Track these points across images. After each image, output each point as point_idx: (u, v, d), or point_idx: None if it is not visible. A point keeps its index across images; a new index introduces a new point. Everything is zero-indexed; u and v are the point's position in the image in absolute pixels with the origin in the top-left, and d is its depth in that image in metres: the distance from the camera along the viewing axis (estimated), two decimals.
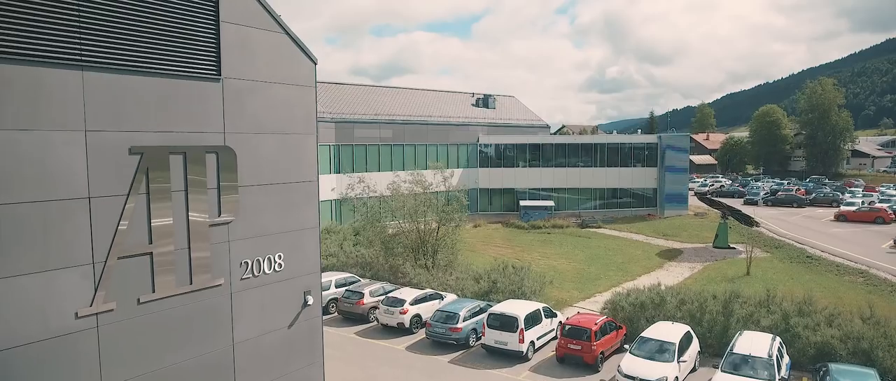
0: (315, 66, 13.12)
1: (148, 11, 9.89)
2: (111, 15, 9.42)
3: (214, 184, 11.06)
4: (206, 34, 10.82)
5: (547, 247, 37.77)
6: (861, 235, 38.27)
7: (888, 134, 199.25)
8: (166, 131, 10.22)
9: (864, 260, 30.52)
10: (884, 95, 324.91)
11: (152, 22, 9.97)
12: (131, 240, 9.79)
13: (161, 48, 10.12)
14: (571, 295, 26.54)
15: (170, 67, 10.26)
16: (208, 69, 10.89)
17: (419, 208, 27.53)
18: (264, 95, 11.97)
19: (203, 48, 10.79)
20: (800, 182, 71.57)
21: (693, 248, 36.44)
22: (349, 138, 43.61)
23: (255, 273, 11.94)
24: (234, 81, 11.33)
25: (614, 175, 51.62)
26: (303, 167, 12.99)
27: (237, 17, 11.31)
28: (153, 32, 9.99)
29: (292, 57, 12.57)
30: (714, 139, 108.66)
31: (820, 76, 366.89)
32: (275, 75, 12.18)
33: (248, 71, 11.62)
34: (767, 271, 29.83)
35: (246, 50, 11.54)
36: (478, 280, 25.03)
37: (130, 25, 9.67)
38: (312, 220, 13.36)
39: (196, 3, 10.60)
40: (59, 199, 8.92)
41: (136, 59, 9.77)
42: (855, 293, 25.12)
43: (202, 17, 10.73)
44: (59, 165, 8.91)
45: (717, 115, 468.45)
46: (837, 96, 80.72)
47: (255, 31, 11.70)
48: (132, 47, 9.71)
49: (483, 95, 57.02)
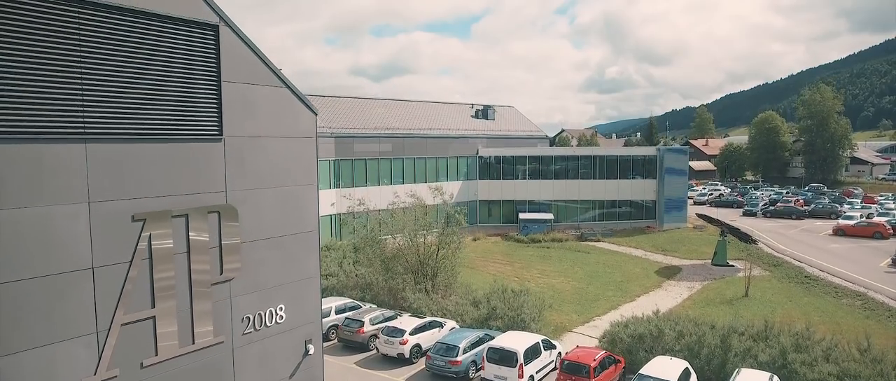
0: (315, 117, 13.21)
1: (150, 79, 9.98)
2: (114, 86, 9.51)
3: (216, 243, 11.16)
4: (207, 96, 10.91)
5: (546, 263, 37.85)
6: (859, 251, 38.37)
7: (887, 135, 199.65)
8: (169, 196, 10.31)
9: (863, 281, 30.60)
10: (883, 96, 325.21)
11: (155, 89, 10.06)
12: (134, 306, 9.88)
13: (163, 114, 10.21)
14: (570, 319, 26.62)
15: (172, 132, 10.35)
16: (210, 130, 10.98)
17: (419, 231, 27.58)
18: (265, 151, 12.06)
19: (205, 110, 10.88)
20: (798, 191, 71.66)
21: (692, 265, 36.53)
22: (349, 153, 43.68)
23: (256, 327, 12.04)
24: (235, 140, 11.42)
25: (613, 187, 51.70)
26: (304, 218, 13.09)
27: (238, 75, 11.41)
28: (156, 99, 10.09)
29: (293, 110, 12.67)
30: (713, 145, 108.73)
31: (819, 77, 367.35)
32: (276, 129, 12.28)
33: (250, 128, 11.72)
34: (766, 291, 29.91)
35: (247, 107, 11.63)
36: (477, 306, 25.10)
37: (133, 94, 9.76)
38: (313, 268, 13.46)
39: (198, 66, 10.70)
40: (63, 272, 9.00)
41: (139, 126, 9.87)
42: (853, 319, 25.22)
43: (204, 80, 10.83)
44: (63, 239, 8.99)
45: (717, 116, 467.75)
46: (836, 104, 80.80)
47: (256, 88, 11.79)
48: (135, 116, 9.80)
49: (482, 106, 57.11)
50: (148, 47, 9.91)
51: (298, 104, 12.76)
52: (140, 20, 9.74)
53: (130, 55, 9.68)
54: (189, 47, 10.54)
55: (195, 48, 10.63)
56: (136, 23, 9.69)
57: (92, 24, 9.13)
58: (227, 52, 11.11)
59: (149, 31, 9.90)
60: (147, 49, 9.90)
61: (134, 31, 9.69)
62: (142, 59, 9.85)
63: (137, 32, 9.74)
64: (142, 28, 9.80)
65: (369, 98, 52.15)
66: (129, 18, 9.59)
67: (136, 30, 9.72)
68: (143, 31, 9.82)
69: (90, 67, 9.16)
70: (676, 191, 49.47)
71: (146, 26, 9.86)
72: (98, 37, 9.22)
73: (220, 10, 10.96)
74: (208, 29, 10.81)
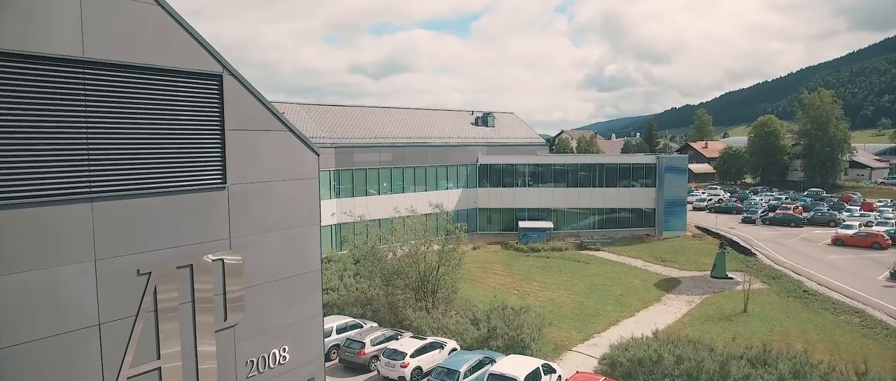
0: (318, 157, 13.30)
1: (155, 132, 10.07)
2: (120, 143, 9.59)
3: (220, 290, 11.25)
4: (211, 145, 11.00)
5: (546, 274, 37.97)
6: (857, 263, 38.54)
7: (886, 135, 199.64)
8: (174, 247, 10.39)
9: (861, 296, 30.78)
10: (882, 95, 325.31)
11: (160, 142, 10.15)
12: (140, 358, 9.98)
13: (168, 166, 10.30)
14: (570, 337, 26.75)
15: (177, 184, 10.44)
16: (214, 179, 11.06)
17: (420, 247, 27.69)
18: (268, 195, 12.15)
19: (209, 159, 10.97)
20: (798, 196, 71.80)
21: (691, 277, 36.68)
22: (349, 163, 43.75)
23: (259, 370, 12.14)
24: (239, 186, 11.51)
25: (613, 195, 51.84)
26: (307, 258, 13.18)
27: (242, 122, 11.48)
28: (161, 152, 10.17)
29: (295, 152, 12.76)
30: (712, 147, 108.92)
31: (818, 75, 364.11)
32: (278, 173, 12.37)
33: (253, 173, 11.80)
34: (765, 307, 30.07)
35: (250, 153, 11.72)
36: (477, 324, 25.26)
37: (139, 149, 9.85)
38: (316, 307, 13.56)
39: (202, 116, 10.79)
40: (70, 331, 9.09)
41: (145, 181, 9.95)
42: (851, 337, 25.38)
43: (208, 130, 10.91)
44: (70, 298, 9.08)
45: (716, 114, 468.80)
46: (835, 108, 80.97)
47: (259, 134, 11.88)
48: (141, 170, 9.89)
49: (482, 113, 57.19)
50: (153, 102, 10.00)
51: (301, 146, 12.85)
52: (144, 76, 9.82)
53: (135, 111, 9.77)
54: (193, 98, 10.62)
55: (199, 99, 10.71)
56: (140, 79, 9.77)
57: (96, 84, 9.20)
58: (231, 100, 11.19)
59: (153, 85, 9.98)
60: (152, 103, 9.99)
61: (138, 87, 9.77)
62: (147, 113, 9.93)
63: (142, 88, 9.82)
64: (146, 83, 9.87)
65: (369, 106, 52.24)
66: (133, 75, 9.67)
67: (141, 85, 9.80)
68: (147, 86, 9.89)
69: (95, 127, 9.24)
70: (676, 200, 49.61)
71: (151, 81, 9.93)
72: (103, 96, 9.30)
73: (223, 58, 11.03)
74: (212, 79, 10.90)
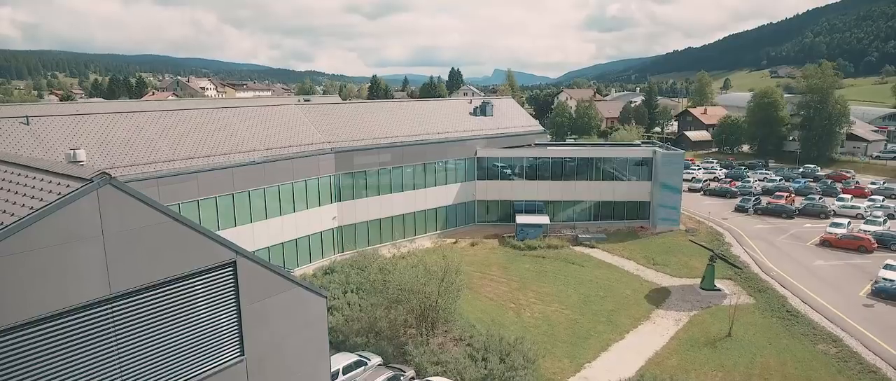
0: (325, 300, 14.19)
1: (180, 331, 10.99)
2: (148, 353, 10.50)
3: None
4: (229, 325, 11.91)
5: (541, 281, 39.41)
6: (842, 271, 39.94)
7: (889, 82, 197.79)
8: None
9: (840, 319, 32.32)
10: (888, 40, 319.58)
11: (184, 339, 11.07)
12: None
13: (192, 356, 11.25)
14: (562, 366, 28.40)
15: (201, 370, 11.41)
16: (234, 354, 12.03)
17: (421, 288, 28.88)
18: (281, 351, 13.14)
19: (228, 338, 11.90)
20: (790, 174, 72.70)
21: (681, 287, 38.15)
22: (349, 166, 44.35)
23: None
24: (255, 353, 12.48)
25: (609, 188, 52.75)
26: None
27: (256, 296, 12.35)
28: (185, 346, 11.10)
29: (304, 302, 13.65)
30: (712, 114, 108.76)
31: (824, 18, 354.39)
32: (289, 327, 13.31)
33: (267, 337, 12.76)
34: (748, 329, 31.66)
35: (264, 320, 12.63)
36: (474, 361, 26.89)
37: (165, 351, 10.77)
38: None
39: (220, 302, 11.66)
40: None
41: (171, 378, 10.92)
42: (826, 373, 27.02)
43: (226, 312, 11.80)
44: None
45: (719, 58, 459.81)
46: (836, 81, 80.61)
47: (271, 300, 12.74)
48: (167, 369, 10.84)
49: (481, 102, 57.24)
50: (175, 305, 10.85)
51: (308, 295, 13.72)
52: (167, 288, 10.63)
53: (160, 319, 10.64)
54: (211, 288, 11.45)
55: (216, 288, 11.54)
56: (163, 292, 10.58)
57: (123, 312, 10.04)
58: (245, 280, 12.01)
59: (175, 292, 10.80)
60: (174, 307, 10.85)
61: (162, 298, 10.59)
62: (170, 317, 10.81)
63: (165, 298, 10.65)
64: (168, 292, 10.69)
65: (368, 102, 52.21)
66: (156, 291, 10.48)
67: (164, 296, 10.62)
68: (169, 294, 10.72)
69: (125, 348, 10.14)
70: (670, 195, 50.58)
71: (172, 289, 10.75)
72: (130, 319, 10.16)
73: (234, 245, 11.77)
74: (227, 267, 11.68)
